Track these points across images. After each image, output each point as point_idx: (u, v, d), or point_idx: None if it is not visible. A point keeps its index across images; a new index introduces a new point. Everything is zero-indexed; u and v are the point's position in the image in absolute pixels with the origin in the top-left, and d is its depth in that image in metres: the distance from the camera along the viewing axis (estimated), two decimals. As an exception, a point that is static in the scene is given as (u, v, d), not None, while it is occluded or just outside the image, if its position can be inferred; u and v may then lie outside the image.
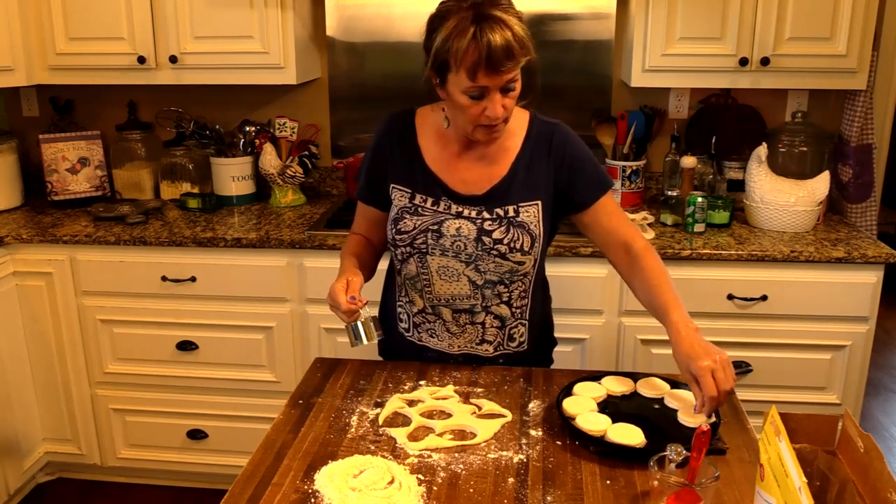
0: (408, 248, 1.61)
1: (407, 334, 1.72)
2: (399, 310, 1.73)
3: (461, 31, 1.38)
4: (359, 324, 1.51)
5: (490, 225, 1.57)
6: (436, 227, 1.58)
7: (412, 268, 1.63)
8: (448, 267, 1.60)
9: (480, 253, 1.58)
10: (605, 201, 1.62)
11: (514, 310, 1.66)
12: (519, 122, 1.62)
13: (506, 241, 1.57)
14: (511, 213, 1.58)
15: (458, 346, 1.68)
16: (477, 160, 1.61)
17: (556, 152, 1.60)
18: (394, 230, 1.61)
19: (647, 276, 1.53)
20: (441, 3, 1.46)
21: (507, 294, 1.64)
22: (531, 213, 1.59)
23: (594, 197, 1.61)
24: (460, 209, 1.59)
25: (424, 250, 1.60)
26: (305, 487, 1.24)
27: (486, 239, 1.57)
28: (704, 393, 1.31)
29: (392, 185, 1.63)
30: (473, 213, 1.58)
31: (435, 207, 1.59)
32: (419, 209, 1.60)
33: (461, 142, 1.60)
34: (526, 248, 1.59)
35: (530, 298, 1.68)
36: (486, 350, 1.68)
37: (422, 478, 1.26)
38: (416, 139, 1.63)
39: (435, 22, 1.45)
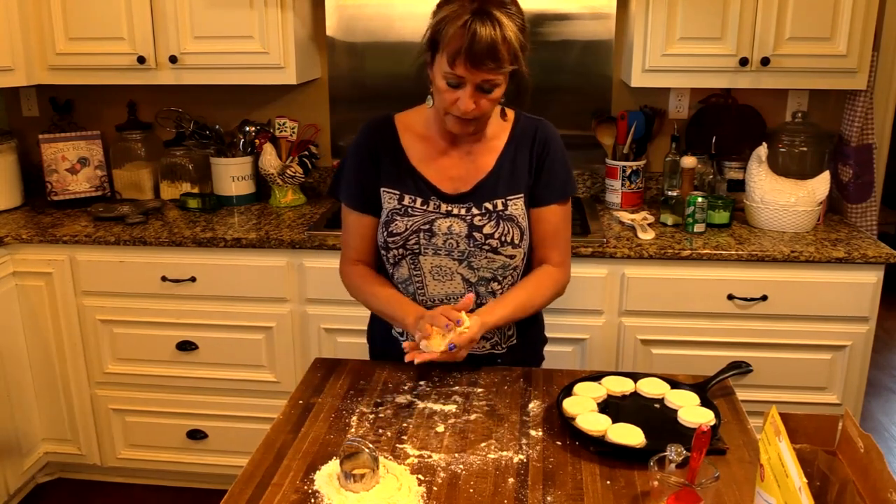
0: (400, 250, 1.62)
1: (402, 338, 1.71)
2: None
3: (456, 16, 1.42)
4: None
5: (480, 220, 1.59)
6: (427, 226, 1.60)
7: (404, 270, 1.64)
8: (441, 266, 1.61)
9: (473, 249, 1.59)
10: (555, 210, 1.65)
11: None
12: (505, 120, 1.66)
13: (497, 234, 1.59)
14: (500, 208, 1.60)
15: None
16: (462, 156, 1.63)
17: (538, 146, 1.64)
18: (385, 233, 1.63)
19: (523, 280, 1.65)
20: None
21: (500, 290, 1.65)
22: (518, 207, 1.62)
23: (548, 200, 1.64)
24: (450, 208, 1.61)
25: (417, 251, 1.61)
26: (305, 487, 1.24)
27: (477, 235, 1.59)
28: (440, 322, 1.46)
29: (382, 189, 1.64)
30: (463, 211, 1.60)
31: (424, 207, 1.61)
32: (409, 210, 1.61)
33: (445, 138, 1.63)
34: (516, 241, 1.61)
35: None
36: (483, 346, 1.67)
37: (422, 478, 1.26)
38: (399, 141, 1.64)
39: (442, 2, 1.49)
